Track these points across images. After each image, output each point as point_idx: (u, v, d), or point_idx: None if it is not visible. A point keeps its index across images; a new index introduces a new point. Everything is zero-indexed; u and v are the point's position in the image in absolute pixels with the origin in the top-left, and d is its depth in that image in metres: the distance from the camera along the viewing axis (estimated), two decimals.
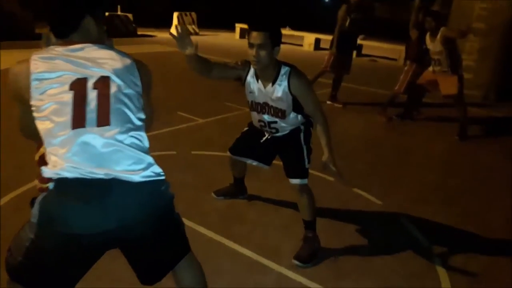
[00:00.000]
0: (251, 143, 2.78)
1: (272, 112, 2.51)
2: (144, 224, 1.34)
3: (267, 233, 2.85)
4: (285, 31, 14.49)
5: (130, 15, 13.12)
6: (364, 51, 12.75)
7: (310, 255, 2.55)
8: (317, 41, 13.15)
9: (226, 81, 2.78)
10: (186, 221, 2.92)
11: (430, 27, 5.20)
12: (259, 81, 2.45)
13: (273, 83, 2.40)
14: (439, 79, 5.35)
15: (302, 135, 2.61)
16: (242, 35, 14.70)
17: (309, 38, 13.45)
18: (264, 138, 2.70)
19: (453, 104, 5.48)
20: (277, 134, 2.64)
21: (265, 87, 2.44)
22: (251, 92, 2.51)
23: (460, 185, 3.98)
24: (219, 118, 5.32)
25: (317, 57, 6.50)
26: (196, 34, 14.41)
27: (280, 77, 2.38)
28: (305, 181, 2.58)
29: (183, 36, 2.13)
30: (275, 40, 2.28)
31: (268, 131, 2.65)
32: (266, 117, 2.55)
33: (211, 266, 2.46)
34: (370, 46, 12.78)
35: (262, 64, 2.30)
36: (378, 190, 3.65)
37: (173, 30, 2.01)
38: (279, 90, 2.40)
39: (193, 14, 14.82)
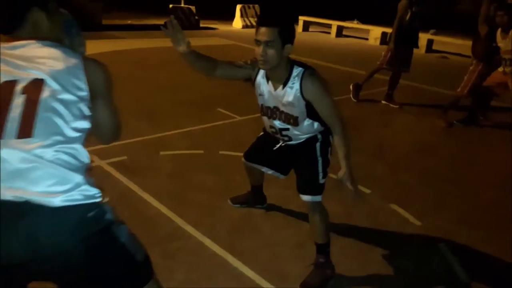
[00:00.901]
0: (265, 150, 2.52)
1: (283, 118, 2.22)
2: (67, 258, 1.14)
3: (278, 252, 2.57)
4: (351, 24, 13.85)
5: (193, 7, 13.23)
6: (434, 47, 11.76)
7: (320, 284, 2.25)
8: (384, 35, 12.33)
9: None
10: (192, 231, 2.83)
11: (502, 22, 4.54)
12: (269, 82, 2.17)
13: (284, 86, 2.11)
14: (511, 82, 4.67)
15: (318, 145, 2.29)
16: (305, 28, 14.27)
17: (375, 32, 12.68)
18: (277, 146, 2.42)
19: None
20: (291, 142, 2.35)
21: (275, 89, 2.15)
22: (261, 94, 2.24)
23: None
24: (258, 116, 5.07)
25: (383, 52, 5.97)
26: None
27: (292, 79, 2.08)
28: (318, 198, 2.27)
29: (176, 31, 1.92)
30: (286, 36, 1.98)
31: (281, 138, 2.37)
32: (277, 123, 2.27)
33: (207, 284, 2.26)
34: (441, 41, 11.75)
35: (270, 64, 2.02)
36: (419, 208, 3.21)
37: (169, 21, 1.79)
38: (290, 93, 2.10)
39: (256, 6, 14.61)
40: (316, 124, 2.24)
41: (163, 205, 2.94)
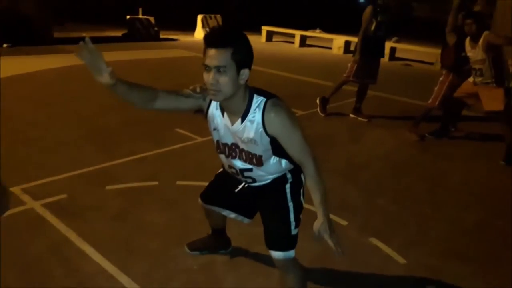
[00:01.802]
0: (225, 191, 2.10)
1: (244, 157, 1.82)
2: None
3: None
4: (314, 33, 13.71)
5: (151, 18, 12.69)
6: (397, 54, 11.75)
7: None
8: (347, 44, 12.26)
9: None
10: None
11: (471, 31, 4.34)
12: (225, 115, 1.76)
13: (243, 120, 1.70)
14: (481, 93, 4.48)
15: (288, 187, 1.90)
16: (269, 38, 14.02)
17: (338, 41, 12.57)
18: (239, 187, 2.01)
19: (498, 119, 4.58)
20: (255, 184, 1.94)
21: (232, 123, 1.75)
22: (215, 129, 1.82)
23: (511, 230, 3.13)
24: None
25: (347, 61, 5.70)
26: None
27: (251, 111, 1.68)
28: (291, 253, 1.87)
29: (93, 57, 1.47)
30: (242, 59, 1.58)
31: (243, 180, 1.96)
32: (237, 163, 1.86)
33: None
34: (404, 49, 11.77)
35: (223, 95, 1.61)
36: (401, 240, 2.88)
37: (80, 49, 1.34)
38: (250, 129, 1.70)
39: (218, 16, 14.25)
40: (284, 162, 1.85)
41: (105, 259, 2.46)
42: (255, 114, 1.67)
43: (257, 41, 13.80)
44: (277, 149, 1.75)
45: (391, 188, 3.73)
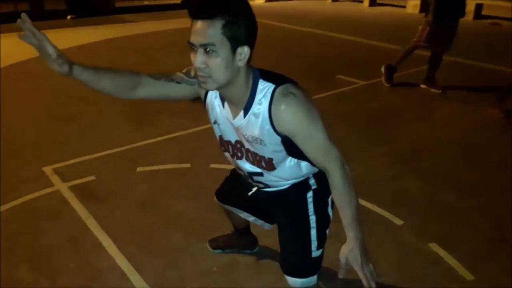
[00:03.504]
0: (239, 192, 1.73)
1: (251, 159, 1.43)
2: None
3: None
4: None
5: None
6: (484, 12, 10.28)
7: None
8: (424, 1, 10.96)
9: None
10: None
11: None
12: (226, 105, 1.37)
13: (246, 113, 1.30)
14: None
15: (311, 195, 1.49)
16: None
17: None
18: (253, 190, 1.63)
19: None
20: (269, 190, 1.56)
21: (234, 117, 1.35)
22: (216, 122, 1.44)
23: None
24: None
25: (420, 26, 4.90)
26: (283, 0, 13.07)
27: (256, 102, 1.27)
28: (311, 280, 1.48)
29: (36, 38, 1.13)
30: (238, 33, 1.16)
31: (253, 184, 1.58)
32: (244, 165, 1.48)
33: None
34: (491, 5, 10.24)
35: (215, 82, 1.21)
36: (470, 250, 2.34)
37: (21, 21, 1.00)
38: (255, 125, 1.30)
39: None
40: (304, 166, 1.44)
41: (120, 253, 2.24)
42: (260, 106, 1.26)
43: (321, 3, 12.87)
44: (293, 149, 1.34)
45: (462, 180, 3.11)
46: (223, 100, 1.36)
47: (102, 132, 3.73)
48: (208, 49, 1.15)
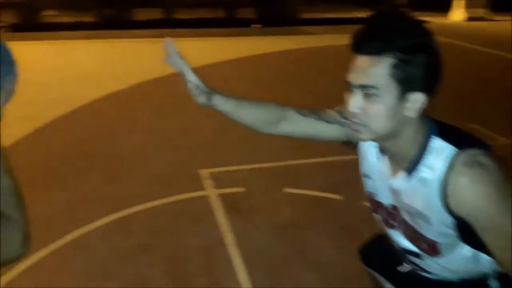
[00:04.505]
0: (390, 260, 1.40)
1: (407, 233, 1.10)
2: None
3: None
4: None
5: None
6: None
7: None
8: None
9: None
10: None
11: None
12: (384, 157, 1.08)
13: (409, 175, 0.99)
14: None
15: None
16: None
17: None
18: (404, 269, 1.29)
19: None
20: (429, 276, 1.19)
21: (392, 174, 1.05)
22: (366, 175, 1.15)
23: None
24: None
25: None
26: (487, 20, 11.54)
27: (425, 165, 0.95)
28: None
29: (178, 64, 1.04)
30: (412, 76, 0.87)
31: (409, 264, 1.24)
32: (399, 238, 1.15)
33: None
34: None
35: (372, 133, 0.94)
36: None
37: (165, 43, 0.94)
38: (419, 194, 0.97)
39: None
40: (484, 259, 1.05)
41: (248, 280, 2.12)
42: (432, 172, 0.93)
43: None
44: (471, 237, 0.97)
45: None
46: (381, 151, 1.08)
47: (259, 144, 3.73)
48: (368, 92, 0.89)
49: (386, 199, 1.11)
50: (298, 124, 1.17)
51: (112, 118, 4.40)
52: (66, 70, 6.24)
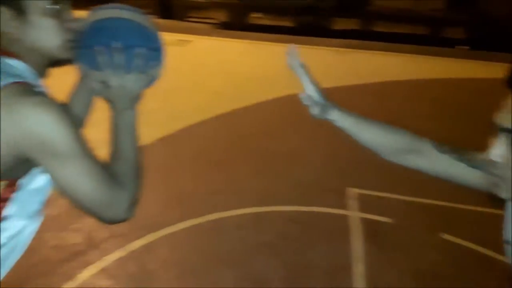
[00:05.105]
0: None
1: None
2: None
3: None
4: None
5: None
6: None
7: None
8: None
9: None
10: None
11: None
12: None
13: None
14: None
15: None
16: None
17: None
18: None
19: None
20: None
21: None
22: (510, 243, 0.87)
23: None
24: None
25: None
26: None
27: None
28: None
29: (298, 72, 0.95)
30: None
31: None
32: None
33: None
34: None
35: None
36: None
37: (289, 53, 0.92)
38: None
39: None
40: None
41: None
42: None
43: None
44: None
45: None
46: None
47: (416, 174, 3.32)
48: None
49: None
50: (433, 161, 0.96)
51: (280, 117, 4.53)
52: (253, 68, 6.73)
